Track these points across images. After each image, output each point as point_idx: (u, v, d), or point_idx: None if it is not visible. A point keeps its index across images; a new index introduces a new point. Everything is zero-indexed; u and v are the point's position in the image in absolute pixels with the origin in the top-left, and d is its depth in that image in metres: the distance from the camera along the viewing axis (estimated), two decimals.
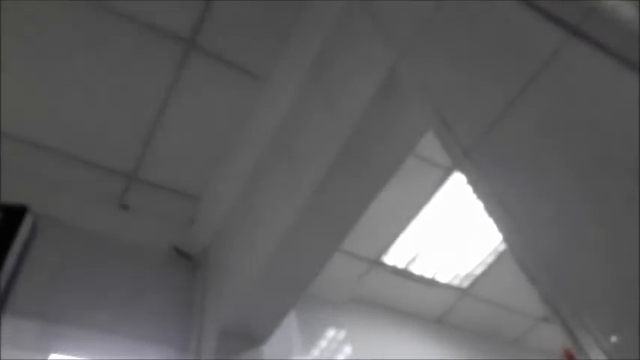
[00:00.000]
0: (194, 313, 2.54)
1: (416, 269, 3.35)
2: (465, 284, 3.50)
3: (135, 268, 2.59)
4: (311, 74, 2.12)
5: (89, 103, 2.34)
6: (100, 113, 2.38)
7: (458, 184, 2.88)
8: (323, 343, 3.03)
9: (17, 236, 1.05)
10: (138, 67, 2.25)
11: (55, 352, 2.43)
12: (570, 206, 0.94)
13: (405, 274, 3.36)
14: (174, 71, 2.26)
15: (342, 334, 3.11)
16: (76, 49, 2.17)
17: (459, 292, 3.54)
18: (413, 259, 3.29)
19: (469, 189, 1.18)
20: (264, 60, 2.27)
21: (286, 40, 2.20)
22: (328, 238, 2.02)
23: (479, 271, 3.42)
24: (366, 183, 1.86)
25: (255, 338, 2.29)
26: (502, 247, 3.24)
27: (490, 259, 3.35)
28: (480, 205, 1.13)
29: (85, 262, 2.45)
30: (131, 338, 2.34)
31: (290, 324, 2.58)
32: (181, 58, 2.23)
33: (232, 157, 2.58)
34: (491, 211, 1.09)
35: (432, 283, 3.44)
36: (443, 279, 3.44)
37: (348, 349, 3.02)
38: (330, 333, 3.10)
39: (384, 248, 3.19)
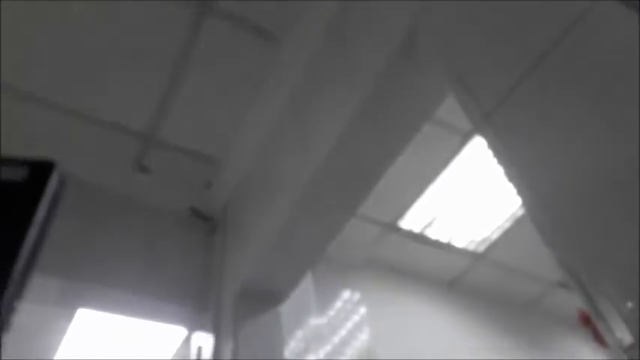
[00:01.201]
0: (212, 274, 2.61)
1: (432, 234, 3.36)
2: (481, 249, 3.50)
3: (154, 229, 2.65)
4: (329, 35, 2.08)
5: (106, 65, 2.34)
6: (117, 75, 2.38)
7: (476, 149, 2.85)
8: (338, 304, 3.09)
9: (46, 191, 1.06)
10: (153, 28, 2.23)
11: (81, 307, 2.53)
12: (590, 171, 0.92)
13: (420, 239, 3.38)
14: (190, 32, 2.24)
15: (356, 295, 3.17)
16: (92, 10, 2.15)
17: (474, 257, 3.55)
18: (429, 224, 3.30)
19: (488, 154, 1.16)
20: (281, 21, 2.23)
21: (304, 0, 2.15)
22: (345, 201, 2.03)
23: (495, 236, 3.41)
24: (384, 146, 1.85)
25: (272, 299, 2.35)
26: (519, 212, 3.22)
27: (507, 225, 3.34)
28: (498, 171, 1.12)
29: (105, 222, 2.52)
30: (152, 297, 2.42)
31: (306, 285, 2.63)
32: (197, 19, 2.20)
33: (250, 119, 2.58)
34: (511, 175, 1.07)
35: (447, 247, 3.46)
36: (459, 244, 3.45)
37: (362, 311, 3.08)
38: (345, 295, 3.16)
39: (401, 212, 3.20)
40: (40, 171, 1.10)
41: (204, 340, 2.39)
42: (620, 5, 0.93)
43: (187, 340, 2.59)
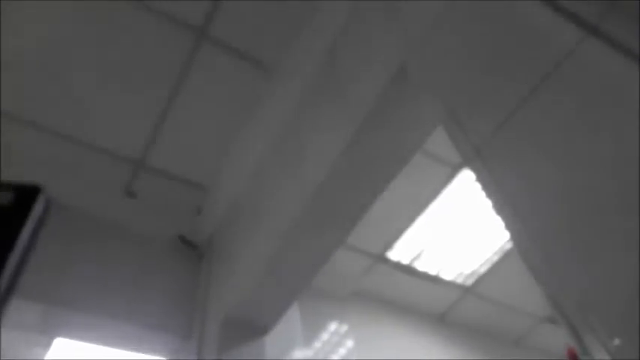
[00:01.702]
0: (198, 302, 2.56)
1: (420, 266, 3.35)
2: (469, 282, 3.49)
3: (140, 255, 2.61)
4: (322, 66, 2.11)
5: (99, 90, 2.35)
6: (110, 101, 2.39)
7: (465, 182, 2.87)
8: (325, 336, 3.04)
9: (30, 216, 1.05)
10: (149, 55, 2.25)
11: (60, 335, 2.46)
12: (580, 207, 0.93)
13: (409, 270, 3.36)
14: (185, 60, 2.27)
15: (344, 327, 3.12)
16: (88, 36, 2.18)
17: (462, 290, 3.54)
18: (418, 256, 3.29)
19: (476, 187, 1.17)
20: (275, 51, 2.27)
21: (298, 31, 2.20)
22: (334, 231, 2.02)
23: (483, 269, 3.41)
24: (373, 177, 1.85)
25: (258, 328, 2.30)
26: (507, 246, 3.23)
27: (495, 258, 3.34)
28: (486, 204, 1.13)
29: (91, 248, 2.47)
30: (135, 325, 2.37)
31: (293, 316, 2.59)
32: (193, 47, 2.23)
33: (241, 148, 2.58)
34: (500, 209, 1.08)
35: (435, 280, 3.44)
36: (447, 276, 3.44)
37: (350, 343, 3.03)
38: (333, 326, 3.11)
39: (389, 244, 3.19)
40: (26, 195, 1.09)
41: None
42: (606, 45, 0.96)
43: None
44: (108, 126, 2.48)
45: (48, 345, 2.68)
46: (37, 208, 1.08)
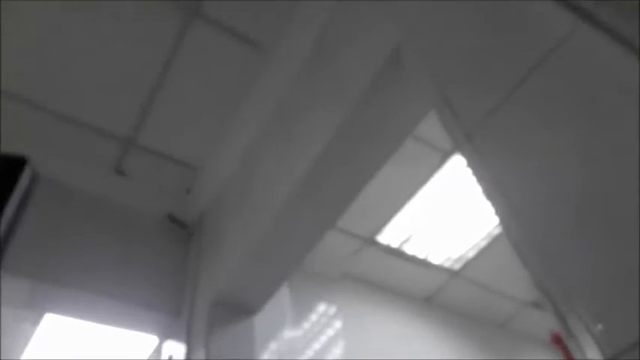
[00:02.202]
0: (187, 281, 2.57)
1: (409, 249, 3.38)
2: (457, 266, 3.54)
3: (129, 233, 2.60)
4: (315, 47, 2.09)
5: (89, 66, 2.31)
6: (101, 76, 2.36)
7: (456, 167, 2.89)
8: (314, 317, 3.08)
9: (17, 186, 1.03)
10: (140, 32, 2.22)
11: (50, 311, 2.46)
12: (569, 193, 0.94)
13: (398, 254, 3.40)
14: (176, 38, 2.23)
15: (332, 309, 3.16)
16: (78, 10, 2.13)
17: (449, 274, 3.58)
18: (407, 240, 3.32)
19: (467, 173, 1.18)
20: (268, 31, 2.24)
21: (291, 11, 2.17)
22: (325, 213, 2.03)
23: (471, 254, 3.45)
24: (365, 160, 1.86)
25: (247, 309, 2.32)
26: (495, 231, 3.27)
27: (483, 244, 3.38)
28: (476, 190, 1.13)
29: (80, 224, 2.46)
30: (124, 302, 2.37)
31: (282, 296, 2.61)
32: (184, 24, 2.19)
33: (232, 128, 2.57)
34: (490, 194, 1.09)
35: (424, 263, 3.48)
36: (435, 260, 3.48)
37: (338, 324, 3.07)
38: (322, 307, 3.15)
39: (379, 227, 3.22)
40: (12, 166, 1.07)
41: (175, 349, 2.34)
42: (600, 32, 0.96)
43: (158, 348, 2.54)
44: (98, 103, 2.45)
45: (37, 321, 2.69)
46: (24, 179, 1.06)
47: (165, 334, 2.48)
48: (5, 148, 1.65)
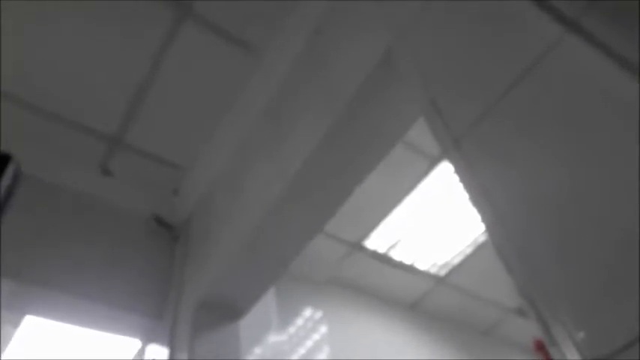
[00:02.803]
0: (172, 284, 2.54)
1: (396, 255, 3.39)
2: (443, 273, 3.55)
3: (114, 235, 2.57)
4: (307, 49, 2.10)
5: (77, 63, 2.29)
6: (88, 75, 2.33)
7: (443, 174, 2.90)
8: (300, 321, 3.07)
9: (0, 184, 1.01)
10: (130, 30, 2.20)
11: (30, 313, 2.42)
12: (554, 201, 0.95)
13: (384, 259, 3.40)
14: (165, 37, 2.22)
15: (318, 313, 3.15)
16: (64, 8, 2.11)
17: (435, 280, 3.60)
18: (394, 245, 3.33)
19: (454, 180, 1.18)
20: (259, 32, 2.24)
21: (283, 12, 2.17)
22: (314, 217, 2.02)
23: (456, 260, 3.47)
24: (354, 165, 1.86)
25: (232, 312, 2.30)
26: (481, 239, 3.29)
27: (468, 250, 3.40)
28: (463, 197, 1.14)
29: (63, 224, 2.43)
30: (106, 305, 2.34)
31: (268, 300, 2.60)
32: (173, 24, 2.18)
33: (221, 129, 2.56)
34: (476, 201, 1.10)
35: (410, 269, 3.49)
36: (421, 266, 3.49)
37: (323, 329, 3.06)
38: (307, 312, 3.14)
39: (366, 232, 3.22)
40: None
41: (158, 353, 2.32)
42: (586, 41, 0.97)
43: (141, 351, 2.51)
44: (84, 101, 2.42)
45: (18, 322, 2.64)
46: (6, 177, 1.03)
47: (148, 338, 2.45)
48: None
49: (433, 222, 3.22)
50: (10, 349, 2.83)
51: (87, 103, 2.43)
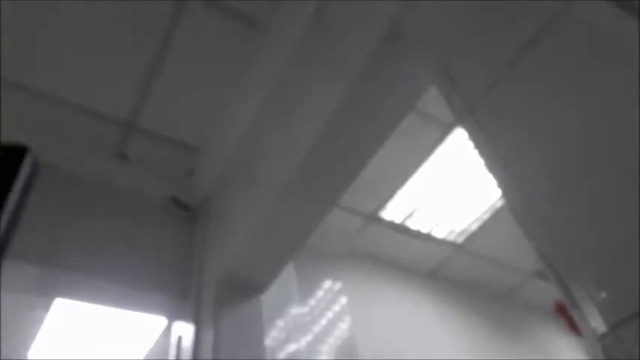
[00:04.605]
0: (193, 263, 2.59)
1: (413, 224, 3.39)
2: (460, 240, 3.56)
3: (134, 217, 2.62)
4: (314, 23, 2.07)
5: (86, 49, 2.29)
6: (98, 60, 2.34)
7: (457, 141, 2.87)
8: (320, 294, 3.11)
9: (18, 176, 1.03)
10: (135, 13, 2.19)
11: (59, 296, 2.49)
12: (570, 164, 0.94)
13: (401, 229, 3.41)
14: (172, 18, 2.20)
15: (338, 285, 3.19)
16: None
17: (453, 247, 3.61)
18: (410, 215, 3.33)
19: (468, 146, 1.17)
20: (266, 8, 2.21)
21: None
22: (328, 191, 2.03)
23: (474, 227, 3.47)
24: (367, 135, 1.85)
25: (254, 288, 2.35)
26: (498, 204, 3.27)
27: (486, 216, 3.39)
28: (478, 163, 1.13)
29: (84, 210, 2.48)
30: (132, 285, 2.40)
31: (288, 275, 2.64)
32: (180, 4, 2.16)
33: (232, 107, 2.56)
34: (492, 167, 1.09)
35: (428, 238, 3.50)
36: (439, 234, 3.50)
37: (343, 300, 3.10)
38: (327, 284, 3.18)
39: (383, 203, 3.22)
40: (13, 155, 1.07)
41: (184, 330, 2.38)
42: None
43: (167, 329, 2.58)
44: (96, 87, 2.43)
45: (48, 306, 2.73)
46: (25, 169, 1.05)
47: (173, 316, 2.52)
48: (5, 136, 1.65)
49: (449, 190, 3.21)
50: (43, 333, 2.93)
51: (98, 88, 2.44)
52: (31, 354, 3.04)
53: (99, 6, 2.15)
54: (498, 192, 1.07)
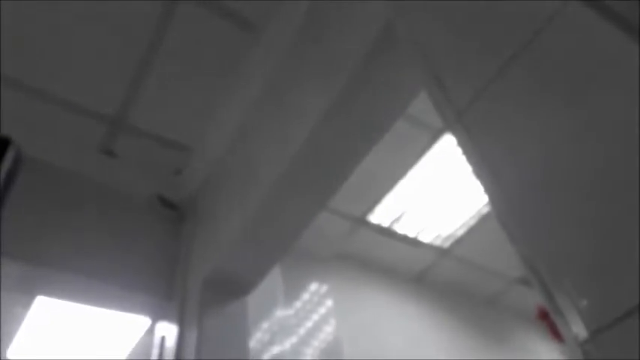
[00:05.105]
0: (179, 263, 2.57)
1: (400, 228, 3.41)
2: (447, 245, 3.58)
3: (119, 215, 2.59)
4: (305, 24, 2.07)
5: (76, 44, 2.27)
6: (88, 56, 2.31)
7: (446, 147, 2.90)
8: (306, 296, 3.11)
9: (1, 167, 1.01)
10: (126, 9, 2.17)
11: (41, 294, 2.46)
12: (556, 171, 0.95)
13: (388, 233, 3.42)
14: (164, 15, 2.19)
15: (324, 288, 3.19)
16: None
17: (439, 252, 3.63)
18: (397, 219, 3.35)
19: (457, 152, 1.18)
20: (258, 9, 2.21)
21: None
22: (316, 194, 2.03)
23: (460, 232, 3.49)
24: (358, 139, 1.85)
25: (239, 289, 2.34)
26: (484, 210, 3.30)
27: (472, 222, 3.42)
28: (466, 169, 1.14)
29: (69, 206, 2.44)
30: (115, 285, 2.37)
31: (274, 276, 2.63)
32: (172, 2, 2.15)
33: (223, 107, 2.55)
34: (479, 173, 1.10)
35: (414, 242, 3.52)
36: (425, 239, 3.51)
37: (329, 303, 3.10)
38: (313, 287, 3.18)
39: (370, 207, 3.23)
40: None
41: (167, 330, 2.36)
42: (590, 9, 0.95)
43: (151, 329, 2.56)
44: (84, 82, 2.41)
45: (29, 304, 2.69)
46: (7, 160, 1.04)
47: (157, 316, 2.50)
48: None
49: (436, 195, 3.23)
50: (23, 331, 2.89)
51: (87, 84, 2.42)
52: (9, 353, 2.99)
53: (89, 4, 2.13)
54: (485, 198, 1.08)
